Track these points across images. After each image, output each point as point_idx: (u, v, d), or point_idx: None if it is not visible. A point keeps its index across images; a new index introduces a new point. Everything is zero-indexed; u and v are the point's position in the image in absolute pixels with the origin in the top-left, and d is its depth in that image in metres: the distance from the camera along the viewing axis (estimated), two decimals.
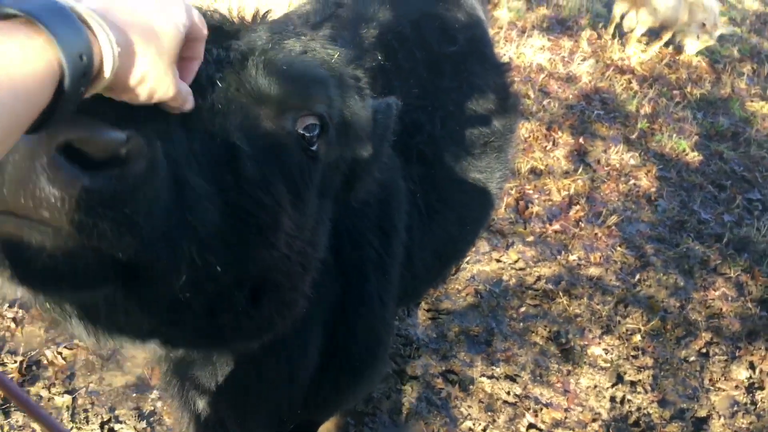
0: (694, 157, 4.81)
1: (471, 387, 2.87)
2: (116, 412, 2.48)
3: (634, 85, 5.58)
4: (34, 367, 2.54)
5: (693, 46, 5.92)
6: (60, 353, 2.60)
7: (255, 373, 1.41)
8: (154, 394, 2.55)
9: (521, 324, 3.21)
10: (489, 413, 2.78)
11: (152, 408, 2.51)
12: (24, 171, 0.65)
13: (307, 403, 1.57)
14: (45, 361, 2.56)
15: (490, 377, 2.92)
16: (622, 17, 6.07)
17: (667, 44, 6.21)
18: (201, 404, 1.48)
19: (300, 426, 1.80)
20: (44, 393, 2.47)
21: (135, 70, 0.70)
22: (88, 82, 0.64)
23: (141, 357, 2.62)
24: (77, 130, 0.65)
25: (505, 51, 5.53)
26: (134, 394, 2.54)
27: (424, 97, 1.75)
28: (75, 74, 0.61)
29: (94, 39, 0.65)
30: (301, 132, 1.01)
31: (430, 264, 2.00)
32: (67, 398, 2.47)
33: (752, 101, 5.81)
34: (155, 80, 0.74)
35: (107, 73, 0.66)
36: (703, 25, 5.72)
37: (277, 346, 1.28)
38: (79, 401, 2.49)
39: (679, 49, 6.15)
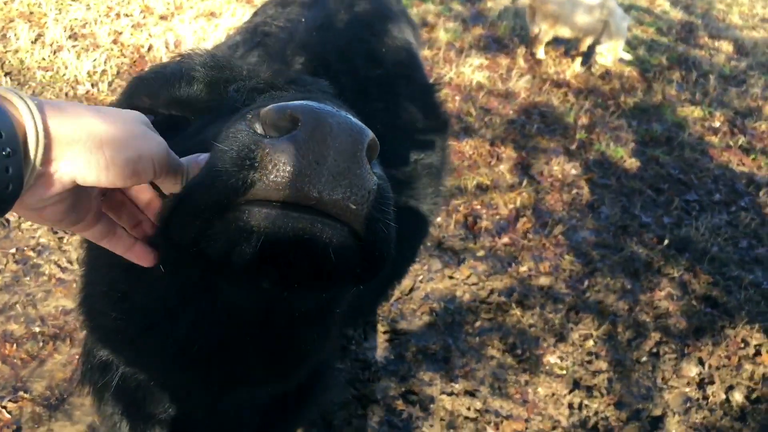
0: (631, 163, 4.99)
1: (432, 406, 2.87)
2: None
3: (571, 98, 5.77)
4: None
5: (597, 70, 6.24)
6: (4, 407, 2.49)
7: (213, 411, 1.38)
8: None
9: (477, 339, 3.24)
10: (451, 430, 2.78)
11: None
12: (344, 161, 0.68)
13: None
14: None
15: (450, 394, 2.93)
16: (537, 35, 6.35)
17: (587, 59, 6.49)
18: None
19: None
20: None
21: (75, 131, 0.67)
22: (12, 141, 0.62)
23: (89, 404, 2.53)
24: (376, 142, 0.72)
25: (444, 71, 5.66)
26: None
27: None
28: None
29: (17, 115, 0.64)
30: None
31: (369, 286, 2.01)
32: None
33: (683, 106, 6.07)
34: (126, 151, 0.71)
35: (32, 147, 0.64)
36: (603, 54, 6.04)
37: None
38: None
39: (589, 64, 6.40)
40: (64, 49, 4.63)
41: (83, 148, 0.67)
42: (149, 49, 4.90)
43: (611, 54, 6.04)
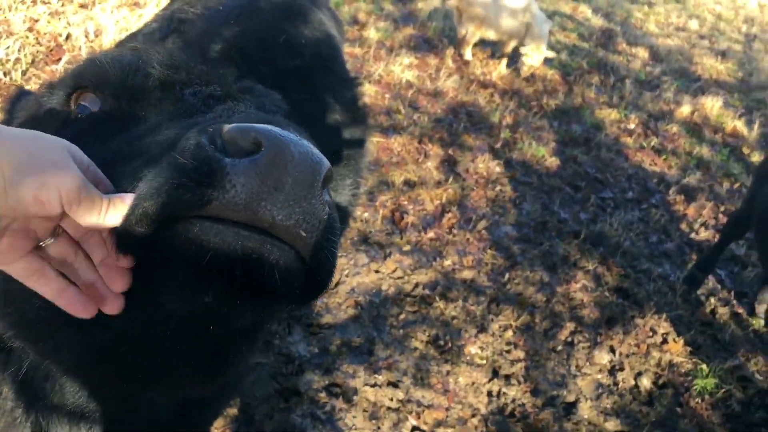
0: (552, 162, 5.19)
1: (355, 398, 2.90)
2: None
3: (496, 98, 5.95)
4: None
5: (523, 71, 6.45)
6: None
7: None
8: None
9: (401, 331, 3.30)
10: (373, 421, 2.82)
11: None
12: (301, 190, 0.71)
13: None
14: None
15: (373, 386, 2.97)
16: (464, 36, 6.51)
17: (517, 60, 6.71)
18: None
19: None
20: None
21: None
22: None
23: None
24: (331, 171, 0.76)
25: (374, 69, 5.71)
26: None
27: None
28: None
29: None
30: None
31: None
32: None
33: (601, 109, 6.37)
34: (24, 174, 0.66)
35: None
36: (528, 56, 6.27)
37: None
38: None
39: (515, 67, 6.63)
40: None
41: None
42: (67, 38, 4.71)
43: (536, 54, 6.25)
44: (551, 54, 6.47)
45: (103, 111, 1.08)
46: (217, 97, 1.06)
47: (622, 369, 3.47)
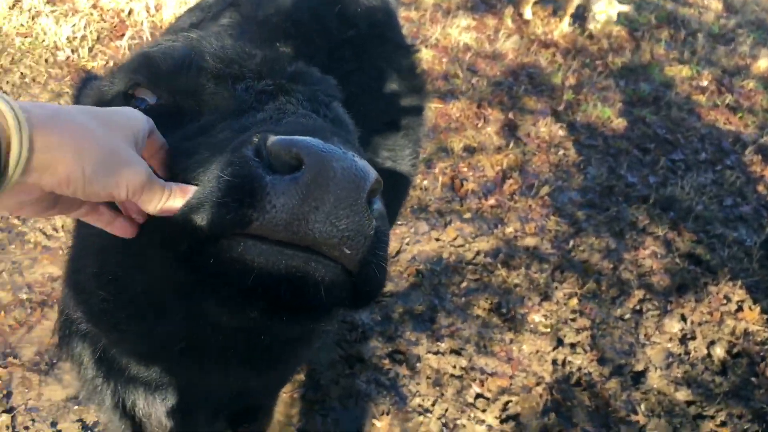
0: (618, 123, 4.99)
1: (418, 365, 2.92)
2: (58, 426, 2.42)
3: (559, 58, 5.73)
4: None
5: (596, 28, 6.11)
6: None
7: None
8: (92, 404, 2.50)
9: (463, 299, 3.28)
10: (437, 388, 2.84)
11: (96, 419, 2.45)
12: (344, 208, 0.70)
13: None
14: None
15: (436, 353, 2.98)
16: None
17: (580, 18, 6.40)
18: (141, 404, 1.45)
19: (244, 410, 1.80)
20: None
21: (66, 141, 0.69)
22: None
23: None
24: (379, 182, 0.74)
25: (431, 33, 5.59)
26: (75, 407, 2.48)
27: None
28: None
29: (4, 125, 0.64)
30: None
31: None
32: (6, 417, 2.39)
33: (671, 66, 6.04)
34: (109, 164, 0.73)
35: (17, 138, 0.64)
36: (599, 10, 5.94)
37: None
38: (19, 419, 2.42)
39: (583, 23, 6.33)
40: (43, 14, 4.54)
41: (65, 163, 0.69)
42: (129, 13, 4.80)
43: (610, 9, 5.93)
44: (625, 7, 6.13)
45: (159, 104, 1.09)
46: (268, 92, 1.05)
47: (693, 338, 3.35)
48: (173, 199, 0.78)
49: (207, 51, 1.12)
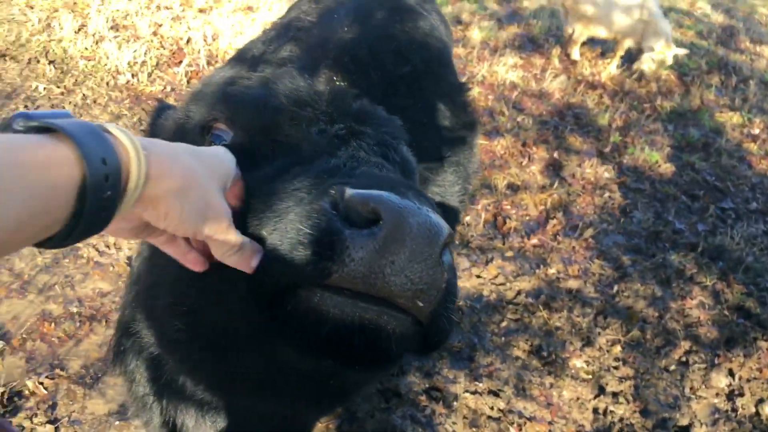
0: (666, 168, 4.92)
1: (455, 403, 2.88)
2: None
3: (606, 100, 5.71)
4: (15, 398, 2.51)
5: (650, 69, 6.06)
6: (41, 383, 2.57)
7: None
8: (138, 420, 2.53)
9: (503, 338, 3.24)
10: (473, 429, 2.79)
11: None
12: (418, 262, 0.72)
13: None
14: (26, 392, 2.53)
15: (474, 393, 2.94)
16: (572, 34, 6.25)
17: (628, 60, 6.36)
18: (190, 424, 1.46)
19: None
20: (26, 423, 2.43)
21: (172, 180, 0.74)
22: (114, 186, 0.68)
23: (122, 384, 2.60)
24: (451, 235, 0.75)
25: (478, 69, 5.64)
26: (117, 422, 2.51)
27: None
28: (96, 173, 0.65)
29: (121, 148, 0.70)
30: None
31: None
32: (50, 428, 2.44)
33: (721, 112, 5.95)
34: (201, 204, 0.78)
35: (135, 174, 0.70)
36: (652, 49, 5.89)
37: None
38: (62, 431, 2.46)
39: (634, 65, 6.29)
40: (106, 39, 4.74)
41: (167, 202, 0.74)
42: (188, 41, 4.98)
43: (667, 51, 5.89)
44: (682, 50, 6.08)
45: (235, 142, 1.12)
46: (341, 136, 1.08)
47: (741, 394, 3.23)
48: (241, 255, 0.83)
49: (282, 92, 1.15)
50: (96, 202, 0.66)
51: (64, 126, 0.66)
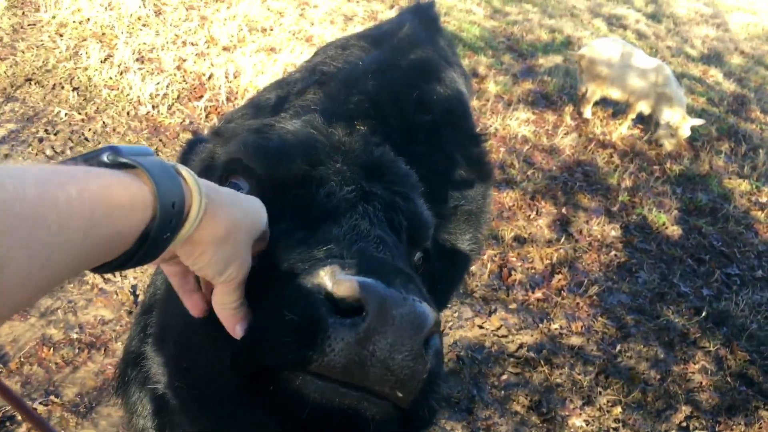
0: (673, 230, 4.93)
1: None
2: None
3: (615, 159, 5.77)
4: (7, 423, 2.49)
5: (670, 143, 6.13)
6: (35, 409, 2.56)
7: None
8: None
9: (502, 392, 3.21)
10: None
11: None
12: (399, 354, 0.73)
13: None
14: (19, 417, 2.51)
15: None
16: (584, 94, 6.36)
17: (639, 121, 6.45)
18: None
19: None
20: None
21: (217, 229, 0.77)
22: (175, 229, 0.72)
23: (117, 416, 2.58)
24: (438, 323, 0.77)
25: (491, 122, 5.73)
26: None
27: None
28: (164, 217, 0.69)
29: (188, 192, 0.73)
30: (415, 262, 1.25)
31: None
32: None
33: (730, 178, 6.00)
34: (232, 253, 0.81)
35: (192, 219, 0.73)
36: (671, 127, 5.98)
37: None
38: None
39: (654, 126, 6.37)
40: (131, 70, 4.87)
41: (206, 244, 0.77)
42: (210, 77, 5.11)
43: (684, 124, 5.95)
44: (700, 121, 6.15)
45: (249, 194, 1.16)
46: (349, 201, 1.10)
47: None
48: (234, 315, 0.85)
49: (297, 149, 1.17)
50: (155, 242, 0.69)
51: (149, 168, 0.69)
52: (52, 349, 2.80)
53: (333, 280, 0.79)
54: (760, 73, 9.51)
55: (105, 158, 0.69)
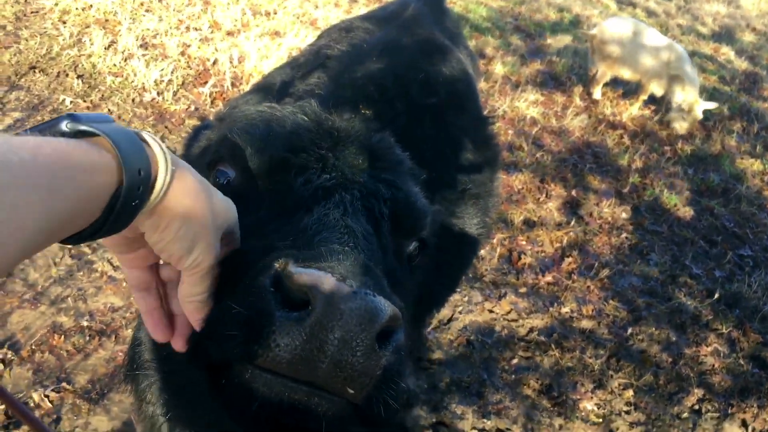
0: (685, 212, 4.87)
1: None
2: None
3: (626, 140, 5.70)
4: (11, 428, 2.50)
5: (682, 127, 6.03)
6: (47, 396, 2.57)
7: None
8: None
9: (513, 376, 3.19)
10: None
11: None
12: (347, 351, 0.71)
13: None
14: (32, 404, 2.52)
15: (481, 430, 2.88)
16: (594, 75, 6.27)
17: (650, 101, 6.35)
18: None
19: None
20: None
21: (184, 197, 0.76)
22: (143, 196, 0.71)
23: (128, 402, 2.59)
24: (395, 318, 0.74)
25: (499, 104, 5.66)
26: None
27: (401, 145, 1.88)
28: (131, 183, 0.69)
29: (153, 159, 0.73)
30: (409, 251, 1.22)
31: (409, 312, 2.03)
32: None
33: (742, 158, 5.92)
34: (198, 231, 0.79)
35: (159, 185, 0.73)
36: (683, 110, 5.88)
37: None
38: None
39: (665, 107, 6.27)
40: (135, 57, 4.84)
41: (172, 217, 0.76)
42: (214, 62, 5.07)
43: (696, 107, 5.85)
44: (712, 105, 6.04)
45: (234, 182, 1.13)
46: (326, 189, 1.07)
47: None
48: (197, 307, 0.84)
49: (280, 136, 1.14)
50: (123, 209, 0.69)
51: (110, 134, 0.69)
52: (63, 336, 2.80)
53: (284, 272, 0.76)
54: None
55: (64, 127, 0.68)
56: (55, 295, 2.98)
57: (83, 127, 0.69)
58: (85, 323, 2.88)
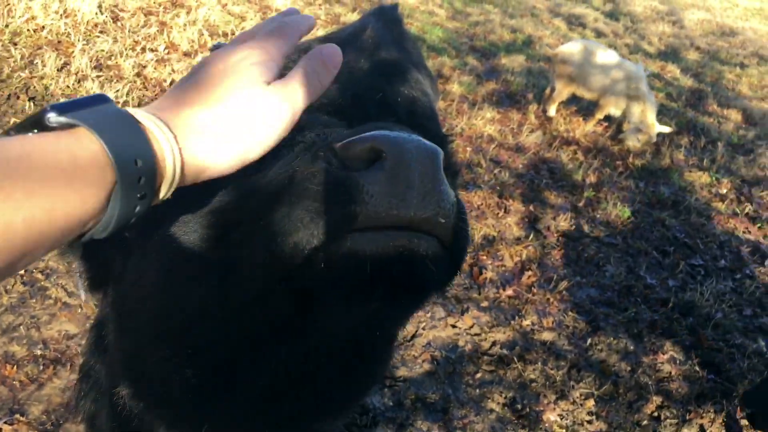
0: (638, 224, 5.03)
1: None
2: None
3: (580, 156, 5.86)
4: None
5: (635, 146, 6.22)
6: (0, 429, 2.48)
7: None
8: None
9: (477, 390, 3.22)
10: None
11: None
12: (429, 181, 0.74)
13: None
14: None
15: None
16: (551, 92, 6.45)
17: (607, 120, 6.55)
18: None
19: None
20: None
21: (211, 155, 0.69)
22: (148, 187, 0.64)
23: None
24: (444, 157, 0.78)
25: (457, 122, 5.76)
26: None
27: None
28: (128, 179, 0.61)
29: (153, 141, 0.64)
30: None
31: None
32: None
33: (690, 171, 6.14)
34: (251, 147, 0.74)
35: (170, 172, 0.66)
36: (639, 130, 6.09)
37: None
38: None
39: (616, 125, 6.47)
40: (89, 78, 4.76)
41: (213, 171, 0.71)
42: (171, 83, 5.02)
43: (652, 130, 6.05)
44: (666, 129, 6.22)
45: None
46: (331, 124, 1.07)
47: None
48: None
49: None
50: (128, 204, 0.63)
51: (92, 124, 0.60)
52: (15, 366, 2.71)
53: (335, 150, 0.78)
54: (716, 68, 9.78)
55: (48, 122, 0.60)
56: (7, 324, 2.88)
57: (63, 120, 0.60)
58: (38, 352, 2.79)
